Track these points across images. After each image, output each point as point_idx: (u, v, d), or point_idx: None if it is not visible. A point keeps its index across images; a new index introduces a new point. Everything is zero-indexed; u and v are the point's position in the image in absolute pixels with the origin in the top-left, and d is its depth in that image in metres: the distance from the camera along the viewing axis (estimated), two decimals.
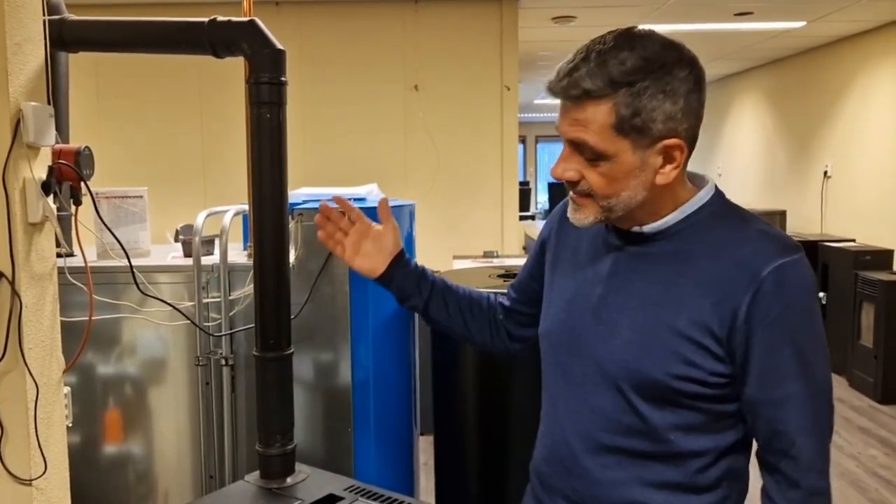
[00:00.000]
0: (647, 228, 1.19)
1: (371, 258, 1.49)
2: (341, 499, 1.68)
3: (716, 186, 1.22)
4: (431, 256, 4.12)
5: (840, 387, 5.39)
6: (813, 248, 5.97)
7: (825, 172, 7.20)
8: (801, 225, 7.43)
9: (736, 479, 1.21)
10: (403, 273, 1.50)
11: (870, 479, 3.93)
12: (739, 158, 9.55)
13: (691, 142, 1.14)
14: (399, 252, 1.50)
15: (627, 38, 1.10)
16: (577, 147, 1.13)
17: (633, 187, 1.12)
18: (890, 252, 5.64)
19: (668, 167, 1.12)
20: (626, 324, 1.18)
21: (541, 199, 14.23)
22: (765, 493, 1.18)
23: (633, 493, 1.19)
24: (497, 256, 4.51)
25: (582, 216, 1.18)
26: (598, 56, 1.08)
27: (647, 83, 1.07)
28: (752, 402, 1.14)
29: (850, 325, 5.41)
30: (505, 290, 1.56)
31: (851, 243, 6.04)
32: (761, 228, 1.16)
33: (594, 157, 1.11)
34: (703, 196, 1.19)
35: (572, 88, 1.09)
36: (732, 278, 1.11)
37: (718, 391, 1.15)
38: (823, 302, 5.80)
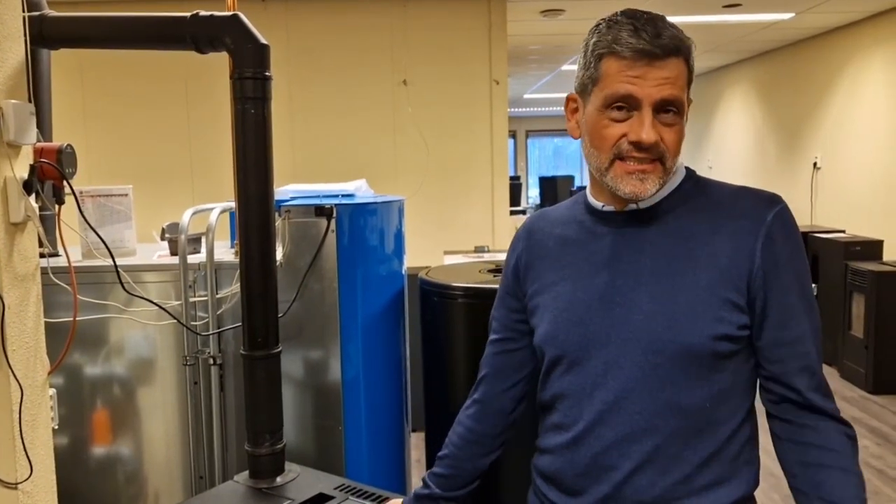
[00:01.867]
0: (643, 204, 1.22)
1: None
2: (332, 498, 1.67)
3: None
4: (422, 252, 4.12)
5: (831, 377, 5.39)
6: (803, 240, 5.97)
7: (815, 164, 7.22)
8: None
9: (753, 447, 1.24)
10: None
11: (861, 469, 3.94)
12: (729, 151, 9.57)
13: None
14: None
15: (649, 14, 1.18)
16: (658, 108, 1.15)
17: (682, 141, 1.20)
18: (880, 242, 5.66)
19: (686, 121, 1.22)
20: (645, 298, 1.19)
21: (532, 193, 14.23)
22: (789, 437, 1.20)
23: (674, 475, 1.18)
24: (488, 251, 4.50)
25: (650, 185, 1.18)
26: (661, 21, 1.17)
27: (692, 43, 1.19)
28: (773, 345, 1.19)
29: (840, 315, 5.43)
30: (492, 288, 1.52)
31: (841, 234, 6.06)
32: (740, 187, 1.26)
33: (674, 114, 1.16)
34: (681, 170, 1.26)
35: (671, 41, 1.14)
36: (741, 227, 1.18)
37: (740, 346, 1.18)
38: (814, 293, 5.80)
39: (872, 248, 5.61)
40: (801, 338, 1.18)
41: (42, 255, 1.61)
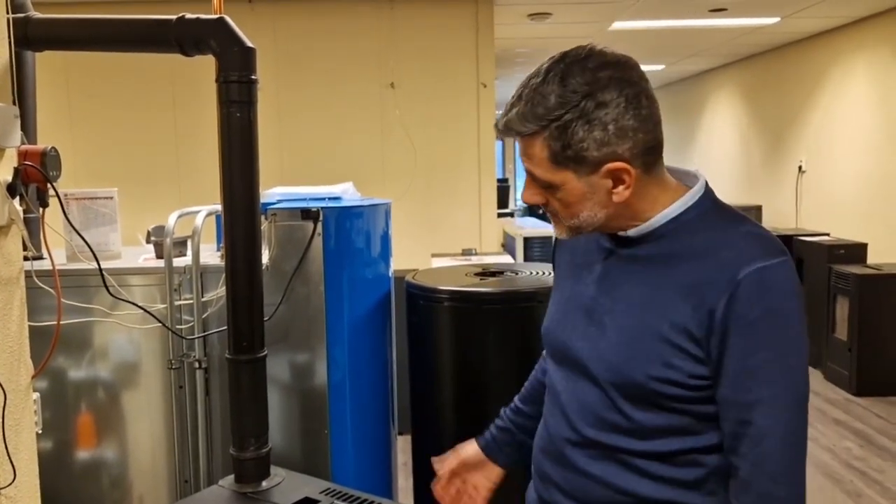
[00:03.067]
0: (631, 232, 1.21)
1: (484, 471, 1.54)
2: (317, 502, 1.67)
3: (706, 185, 1.22)
4: (409, 254, 4.12)
5: (815, 380, 5.45)
6: (788, 243, 6.03)
7: (800, 167, 7.28)
8: (776, 219, 7.51)
9: (723, 479, 1.19)
10: (503, 451, 1.53)
11: (844, 471, 3.98)
12: (715, 154, 9.63)
13: (644, 156, 1.14)
14: (484, 450, 1.54)
15: (558, 70, 1.11)
16: (531, 175, 1.19)
17: (590, 208, 1.17)
18: (863, 246, 5.71)
19: (620, 188, 1.15)
20: (613, 326, 1.20)
21: (519, 196, 14.25)
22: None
23: (619, 486, 1.21)
24: (475, 254, 4.51)
25: (558, 231, 1.24)
26: (528, 94, 1.12)
27: (570, 116, 1.10)
28: (723, 403, 1.14)
29: (824, 318, 5.47)
30: (487, 290, 1.55)
31: (825, 237, 6.11)
32: (747, 230, 1.17)
33: (544, 185, 1.17)
34: (690, 198, 1.19)
35: (508, 131, 1.15)
36: (712, 280, 1.11)
37: (698, 393, 1.15)
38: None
39: (856, 251, 5.65)
40: (753, 405, 1.10)
41: (26, 259, 1.60)
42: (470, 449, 1.54)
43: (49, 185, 1.59)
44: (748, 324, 1.09)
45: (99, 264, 1.76)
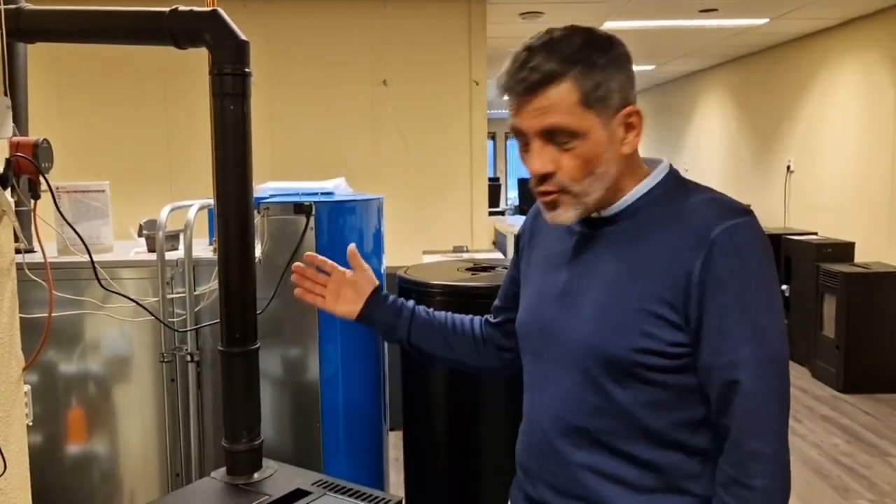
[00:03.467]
0: (605, 212, 1.23)
1: (351, 302, 1.57)
2: (309, 493, 1.68)
3: (670, 165, 1.26)
4: (401, 252, 4.12)
5: (803, 377, 5.50)
6: (776, 242, 6.07)
7: (788, 167, 7.32)
8: (764, 219, 7.55)
9: (708, 456, 1.20)
10: (382, 309, 1.57)
11: (832, 467, 4.01)
12: (705, 154, 9.68)
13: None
14: (375, 290, 1.57)
15: (564, 29, 1.18)
16: (547, 136, 1.16)
17: (605, 162, 1.17)
18: (851, 244, 5.76)
19: (631, 135, 1.18)
20: (588, 304, 1.21)
21: (511, 195, 14.27)
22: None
23: (606, 472, 1.21)
24: (467, 251, 4.52)
25: (562, 212, 1.20)
26: (546, 45, 1.15)
27: (598, 56, 1.15)
28: (706, 368, 1.14)
29: (812, 316, 5.51)
30: (478, 284, 1.57)
31: (813, 236, 6.16)
32: (710, 196, 1.20)
33: (568, 138, 1.15)
34: (657, 175, 1.23)
35: (532, 75, 1.14)
36: (683, 244, 1.14)
37: (678, 362, 1.15)
38: (787, 294, 5.90)
39: (844, 250, 5.70)
40: (733, 366, 1.12)
41: (18, 251, 1.60)
42: (369, 281, 1.57)
43: (41, 177, 1.59)
44: (723, 282, 1.11)
45: (91, 257, 1.75)
